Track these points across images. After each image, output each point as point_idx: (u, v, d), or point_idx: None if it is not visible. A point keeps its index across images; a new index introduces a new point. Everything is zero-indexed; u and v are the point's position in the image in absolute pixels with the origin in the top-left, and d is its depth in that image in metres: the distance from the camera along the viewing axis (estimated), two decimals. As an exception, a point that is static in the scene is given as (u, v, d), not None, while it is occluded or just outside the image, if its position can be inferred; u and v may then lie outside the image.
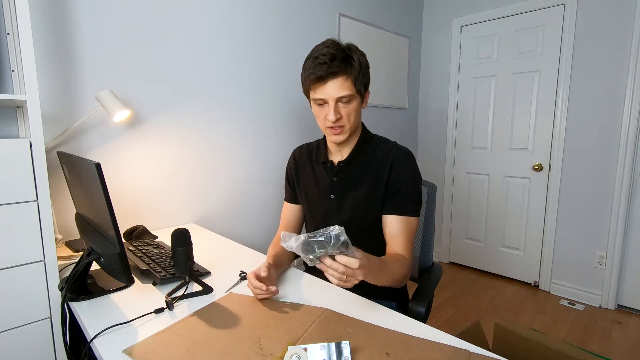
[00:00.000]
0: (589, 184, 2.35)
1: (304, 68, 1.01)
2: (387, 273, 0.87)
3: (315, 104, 1.02)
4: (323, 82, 0.96)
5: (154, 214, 1.59)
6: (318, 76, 0.95)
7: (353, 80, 0.97)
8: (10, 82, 1.06)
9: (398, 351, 0.69)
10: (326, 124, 1.01)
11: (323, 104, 1.00)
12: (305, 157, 1.20)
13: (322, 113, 1.01)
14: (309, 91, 1.02)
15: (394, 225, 1.02)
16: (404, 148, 1.08)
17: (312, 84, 0.98)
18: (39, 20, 1.23)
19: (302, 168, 1.20)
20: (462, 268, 3.04)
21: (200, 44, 1.66)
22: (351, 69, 0.97)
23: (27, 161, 0.92)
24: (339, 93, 0.96)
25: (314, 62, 0.97)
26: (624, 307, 2.33)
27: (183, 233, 0.94)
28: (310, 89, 1.00)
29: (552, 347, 1.24)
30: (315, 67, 0.96)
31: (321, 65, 0.95)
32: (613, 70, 2.20)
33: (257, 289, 0.87)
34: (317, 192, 1.14)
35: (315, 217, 1.16)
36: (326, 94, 0.97)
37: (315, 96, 0.99)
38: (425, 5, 3.03)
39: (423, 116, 3.16)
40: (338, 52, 0.96)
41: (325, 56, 0.95)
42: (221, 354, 0.67)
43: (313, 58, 0.98)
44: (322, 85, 0.97)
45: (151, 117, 1.55)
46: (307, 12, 2.11)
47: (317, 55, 0.97)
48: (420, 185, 1.06)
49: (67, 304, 0.91)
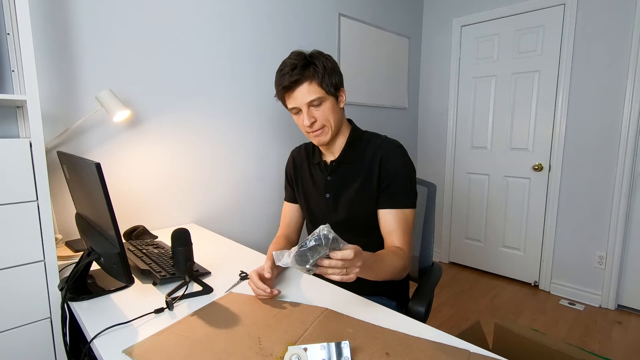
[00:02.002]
0: (589, 184, 2.35)
1: (275, 84, 1.05)
2: (384, 264, 0.89)
3: (292, 113, 1.06)
4: (290, 91, 1.01)
5: (154, 214, 1.59)
6: (283, 86, 1.00)
7: (318, 83, 1.00)
8: (10, 82, 1.06)
9: (398, 351, 0.69)
10: (305, 129, 1.05)
11: (298, 112, 1.04)
12: (303, 158, 1.22)
13: (299, 120, 1.05)
14: (285, 104, 1.06)
15: (389, 220, 1.02)
16: (394, 141, 1.08)
17: (282, 95, 1.03)
18: (39, 20, 1.23)
19: (300, 168, 1.22)
20: (462, 268, 3.04)
21: (200, 43, 1.66)
22: (314, 73, 0.99)
23: (27, 161, 0.92)
24: (307, 98, 1.00)
25: (278, 75, 1.02)
26: (624, 307, 2.33)
27: (183, 233, 0.94)
28: (285, 100, 1.04)
29: (552, 347, 1.24)
30: (280, 79, 1.01)
31: (284, 76, 1.00)
32: (613, 70, 2.20)
33: (261, 290, 0.88)
34: (314, 192, 1.16)
35: (313, 217, 1.18)
36: (296, 102, 1.01)
37: (289, 106, 1.04)
38: (425, 5, 3.03)
39: (423, 116, 3.16)
40: (298, 61, 0.99)
41: (287, 67, 1.00)
42: (221, 354, 0.67)
43: (278, 71, 1.03)
44: (290, 94, 1.01)
45: (151, 117, 1.55)
46: (307, 12, 2.11)
47: (281, 68, 1.02)
48: (413, 177, 1.06)
49: (67, 304, 0.91)
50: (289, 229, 1.25)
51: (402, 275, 0.98)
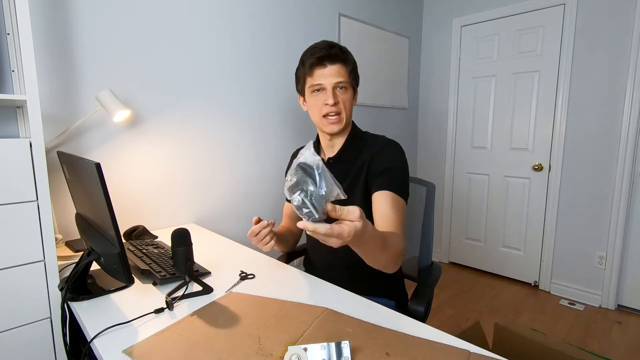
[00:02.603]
0: (589, 184, 2.35)
1: (301, 61, 1.05)
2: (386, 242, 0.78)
3: (311, 92, 1.04)
4: (322, 66, 1.00)
5: (154, 214, 1.59)
6: (318, 57, 0.99)
7: (349, 71, 1.03)
8: (10, 82, 1.06)
9: (398, 351, 0.69)
10: (323, 110, 1.03)
11: (320, 90, 1.03)
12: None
13: (319, 100, 1.03)
14: (305, 81, 1.05)
15: (383, 202, 0.97)
16: (391, 139, 1.09)
17: (311, 68, 1.01)
18: (39, 20, 1.23)
19: None
20: (462, 268, 3.03)
21: (200, 44, 1.66)
22: (347, 59, 1.03)
23: (27, 161, 0.92)
24: (337, 78, 1.00)
25: (312, 50, 1.02)
26: (624, 307, 2.33)
27: (183, 233, 0.94)
28: (308, 75, 1.03)
29: (552, 347, 1.24)
30: (313, 50, 1.01)
31: (321, 49, 1.00)
32: (613, 70, 2.20)
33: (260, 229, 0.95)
34: None
35: None
36: (325, 78, 1.00)
37: (313, 82, 1.02)
38: (425, 5, 3.03)
39: (423, 116, 3.16)
40: (334, 46, 1.03)
41: (323, 43, 1.02)
42: (221, 354, 0.67)
43: (311, 48, 1.03)
44: (321, 69, 1.00)
45: (151, 117, 1.55)
46: (307, 12, 2.11)
47: (315, 45, 1.03)
48: (406, 171, 1.04)
49: (67, 304, 0.91)
50: (290, 222, 1.30)
51: (396, 264, 0.86)
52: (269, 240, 1.00)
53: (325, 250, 1.17)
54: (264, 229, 0.98)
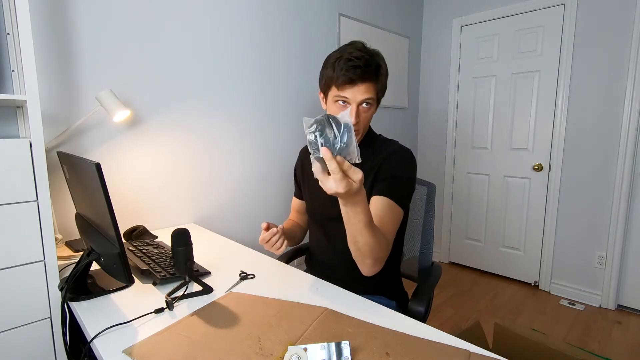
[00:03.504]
0: (589, 184, 2.35)
1: (333, 66, 0.99)
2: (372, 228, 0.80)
3: (334, 102, 1.02)
4: (353, 84, 0.97)
5: (154, 214, 1.59)
6: (350, 79, 0.96)
7: (378, 88, 1.01)
8: (10, 82, 1.06)
9: (398, 351, 0.69)
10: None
11: (345, 104, 1.00)
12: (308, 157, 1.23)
13: (339, 111, 1.01)
14: (330, 88, 1.02)
15: (380, 206, 0.96)
16: (403, 146, 1.08)
17: (341, 83, 0.98)
18: (39, 20, 1.23)
19: (308, 166, 1.22)
20: (462, 268, 3.03)
21: (200, 43, 1.66)
22: (379, 77, 1.00)
23: (27, 161, 0.92)
24: (364, 96, 0.98)
25: (347, 64, 0.96)
26: (624, 307, 2.33)
27: (183, 233, 0.94)
28: (335, 85, 1.00)
29: (552, 347, 1.24)
30: (349, 70, 0.96)
31: (355, 68, 0.96)
32: (613, 70, 2.20)
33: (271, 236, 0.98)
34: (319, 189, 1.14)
35: (317, 212, 1.19)
36: (352, 95, 0.98)
37: (339, 94, 0.99)
38: (425, 5, 3.03)
39: (423, 116, 3.16)
40: (371, 59, 0.98)
41: (359, 60, 0.96)
42: (221, 354, 0.67)
43: (346, 59, 0.97)
44: (352, 86, 0.97)
45: (151, 117, 1.55)
46: (307, 12, 2.11)
47: (350, 57, 0.97)
48: (411, 182, 1.03)
49: (67, 304, 0.91)
50: (298, 216, 1.35)
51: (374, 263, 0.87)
52: (280, 245, 1.02)
53: (327, 249, 1.17)
54: (274, 235, 1.00)
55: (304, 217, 1.33)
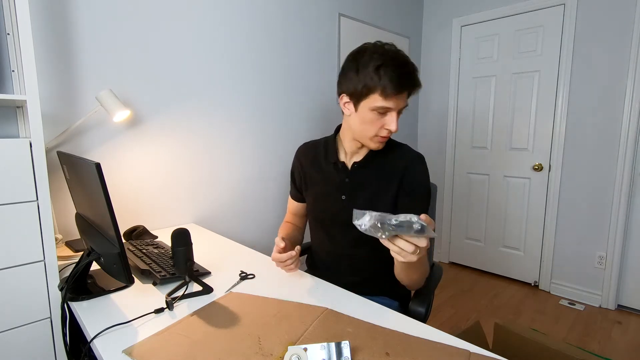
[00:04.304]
0: (589, 184, 2.35)
1: (377, 74, 0.90)
2: (424, 267, 0.96)
3: (371, 110, 0.94)
4: (403, 93, 0.93)
5: (154, 214, 1.59)
6: (402, 88, 0.91)
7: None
8: (10, 82, 1.06)
9: (398, 351, 0.69)
10: (381, 132, 0.97)
11: (385, 113, 0.95)
12: (312, 156, 1.17)
13: (379, 121, 0.96)
14: (368, 96, 0.93)
15: None
16: (417, 152, 1.09)
17: (390, 94, 0.91)
18: (39, 20, 1.23)
19: (309, 167, 1.17)
20: (462, 268, 3.03)
21: (199, 43, 1.66)
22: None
23: (27, 161, 0.92)
24: (404, 103, 0.97)
25: (396, 72, 0.89)
26: (624, 307, 2.33)
27: (183, 233, 0.94)
28: (379, 94, 0.91)
29: (552, 347, 1.24)
30: (401, 78, 0.90)
31: (408, 76, 0.91)
32: (613, 70, 2.20)
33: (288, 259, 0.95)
34: (327, 192, 1.12)
35: (323, 216, 1.15)
36: (397, 104, 0.93)
37: (383, 104, 0.92)
38: (425, 5, 3.03)
39: (423, 116, 3.16)
40: (414, 67, 0.95)
41: (408, 66, 0.92)
42: (221, 354, 0.67)
43: (395, 66, 0.90)
44: (400, 95, 0.93)
45: (151, 117, 1.55)
46: (307, 12, 2.11)
47: (397, 63, 0.90)
48: (430, 189, 1.07)
49: (67, 304, 0.91)
50: (295, 218, 1.30)
51: (423, 282, 1.02)
52: (294, 268, 1.01)
53: (331, 252, 1.16)
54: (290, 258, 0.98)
55: (301, 219, 1.30)
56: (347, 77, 0.97)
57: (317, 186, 1.15)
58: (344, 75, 0.99)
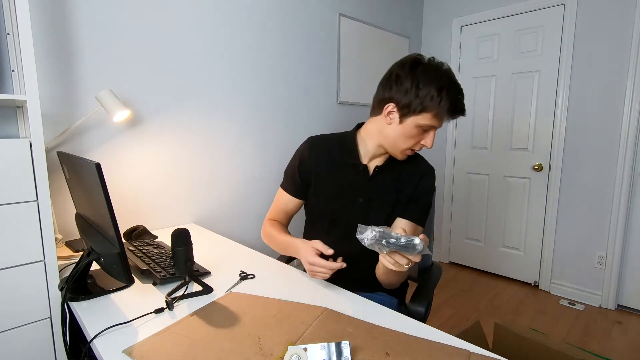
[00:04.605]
0: (589, 184, 2.35)
1: (439, 95, 0.91)
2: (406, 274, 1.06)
3: (418, 127, 0.96)
4: (455, 118, 0.97)
5: (154, 214, 1.59)
6: (458, 113, 0.94)
7: None
8: (10, 82, 1.06)
9: (398, 351, 0.69)
10: (416, 147, 1.01)
11: (427, 130, 0.97)
12: (325, 154, 1.11)
13: (418, 137, 0.98)
14: (421, 114, 0.94)
15: (409, 230, 1.05)
16: (430, 165, 1.12)
17: (444, 116, 0.94)
18: (39, 20, 1.23)
19: (322, 165, 1.11)
20: (462, 268, 3.03)
21: (199, 43, 1.66)
22: None
23: (27, 161, 0.92)
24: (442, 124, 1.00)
25: (456, 97, 0.93)
26: (624, 307, 2.33)
27: (183, 233, 0.94)
28: (433, 115, 0.93)
29: (552, 347, 1.24)
30: (460, 104, 0.94)
31: (462, 102, 0.94)
32: (613, 70, 2.20)
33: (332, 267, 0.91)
34: (340, 193, 1.09)
35: (335, 217, 1.11)
36: (440, 124, 0.97)
37: (430, 123, 0.95)
38: (425, 5, 3.03)
39: (423, 116, 3.15)
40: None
41: (462, 92, 0.95)
42: (221, 354, 0.67)
43: (456, 91, 0.93)
44: (449, 119, 0.97)
45: (151, 117, 1.55)
46: (307, 12, 2.11)
47: (458, 88, 0.94)
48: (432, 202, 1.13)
49: (67, 304, 0.91)
50: (285, 217, 1.20)
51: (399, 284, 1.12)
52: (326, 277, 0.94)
53: None
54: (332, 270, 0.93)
55: (290, 217, 1.22)
56: (402, 88, 0.95)
57: (328, 186, 1.10)
58: (398, 85, 0.95)
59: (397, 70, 0.97)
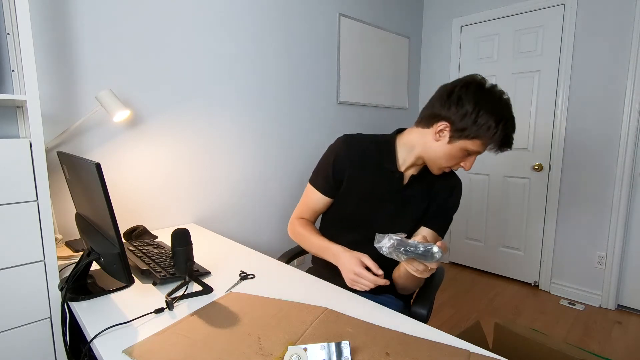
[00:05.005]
0: (589, 184, 2.35)
1: (497, 126, 0.91)
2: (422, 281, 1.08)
3: (463, 149, 0.97)
4: (503, 152, 0.99)
5: (154, 214, 1.59)
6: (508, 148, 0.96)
7: None
8: (10, 82, 1.06)
9: (398, 351, 0.69)
10: (455, 167, 1.03)
11: (471, 155, 0.99)
12: (361, 154, 1.09)
13: (460, 159, 1.00)
14: (473, 141, 0.94)
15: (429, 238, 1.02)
16: (459, 178, 1.14)
17: (495, 148, 0.96)
18: (39, 20, 1.23)
19: (356, 164, 1.09)
20: (462, 268, 3.03)
21: (200, 43, 1.66)
22: None
23: (27, 161, 0.92)
24: None
25: (512, 131, 0.94)
26: (624, 307, 2.33)
27: (183, 233, 0.94)
28: (483, 143, 0.94)
29: (552, 347, 1.24)
30: (511, 139, 0.95)
31: (512, 136, 0.95)
32: (613, 70, 2.20)
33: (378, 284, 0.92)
34: (373, 197, 1.08)
35: (361, 220, 1.10)
36: (483, 151, 0.99)
37: (478, 149, 0.96)
38: (425, 5, 3.03)
39: (423, 116, 3.15)
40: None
41: (515, 126, 0.97)
42: (221, 354, 0.67)
43: (512, 125, 0.94)
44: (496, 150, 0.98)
45: (151, 117, 1.55)
46: (307, 12, 2.11)
47: (514, 123, 0.94)
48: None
49: (67, 304, 0.91)
50: (314, 215, 1.18)
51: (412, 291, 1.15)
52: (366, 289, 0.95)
53: None
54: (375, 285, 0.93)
55: (317, 216, 1.20)
56: (461, 111, 0.93)
57: (361, 188, 1.08)
58: (458, 107, 0.93)
59: (461, 92, 0.94)
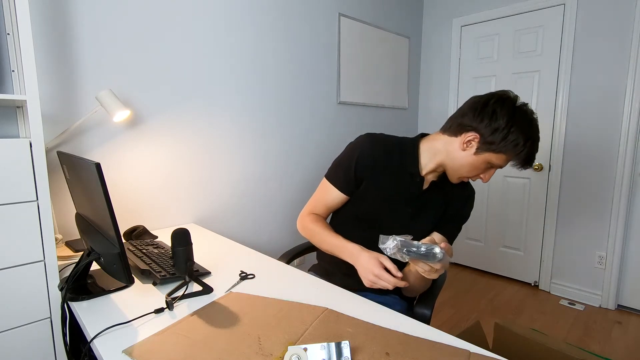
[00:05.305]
0: (589, 184, 2.35)
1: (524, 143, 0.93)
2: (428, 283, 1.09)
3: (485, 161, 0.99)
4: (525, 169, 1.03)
5: (154, 214, 1.59)
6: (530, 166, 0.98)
7: None
8: (10, 82, 1.06)
9: (398, 351, 0.69)
10: (473, 178, 1.07)
11: (492, 167, 1.01)
12: (384, 155, 1.08)
13: (482, 171, 1.03)
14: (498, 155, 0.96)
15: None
16: (473, 187, 1.17)
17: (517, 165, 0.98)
18: (39, 20, 1.23)
19: (380, 164, 1.07)
20: (462, 268, 3.03)
21: (200, 43, 1.66)
22: None
23: (27, 161, 0.92)
24: None
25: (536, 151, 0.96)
26: (624, 307, 2.33)
27: (183, 233, 0.94)
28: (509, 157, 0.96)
29: (552, 347, 1.24)
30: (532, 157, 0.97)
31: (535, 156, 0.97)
32: (613, 70, 2.20)
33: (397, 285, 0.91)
34: (390, 199, 1.08)
35: (376, 221, 1.09)
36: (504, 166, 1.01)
37: (500, 164, 0.99)
38: (425, 5, 3.03)
39: (423, 116, 3.16)
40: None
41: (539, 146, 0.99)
42: (221, 354, 0.67)
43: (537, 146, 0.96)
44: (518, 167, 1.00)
45: (151, 117, 1.55)
46: (307, 12, 2.11)
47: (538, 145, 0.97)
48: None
49: (67, 304, 0.91)
50: (328, 212, 1.16)
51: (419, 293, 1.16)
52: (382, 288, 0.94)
53: None
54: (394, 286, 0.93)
55: (330, 212, 1.18)
56: (494, 125, 0.94)
57: (379, 188, 1.07)
58: (492, 121, 0.94)
59: (495, 106, 0.94)
